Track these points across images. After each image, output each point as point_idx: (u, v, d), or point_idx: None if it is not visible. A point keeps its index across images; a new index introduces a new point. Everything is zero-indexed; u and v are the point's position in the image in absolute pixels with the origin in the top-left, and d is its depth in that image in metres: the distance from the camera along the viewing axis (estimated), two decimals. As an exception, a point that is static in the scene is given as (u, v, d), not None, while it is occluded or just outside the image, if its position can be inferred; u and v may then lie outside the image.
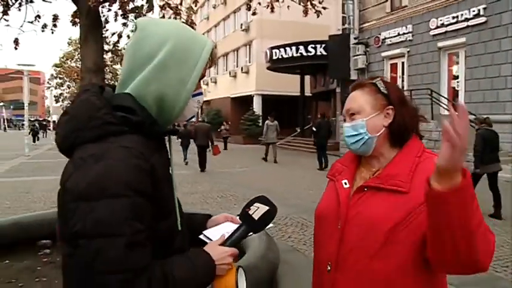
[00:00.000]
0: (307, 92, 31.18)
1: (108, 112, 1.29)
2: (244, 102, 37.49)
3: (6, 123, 77.15)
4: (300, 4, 6.66)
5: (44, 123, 62.93)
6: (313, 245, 1.83)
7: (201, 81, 1.44)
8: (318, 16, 6.64)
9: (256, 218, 1.48)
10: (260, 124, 32.88)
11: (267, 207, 1.51)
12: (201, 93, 1.45)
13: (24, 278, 4.20)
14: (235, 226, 1.52)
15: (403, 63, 20.53)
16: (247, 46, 38.47)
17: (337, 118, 23.86)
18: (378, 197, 1.57)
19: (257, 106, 35.96)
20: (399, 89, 1.72)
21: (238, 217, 1.56)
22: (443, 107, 17.36)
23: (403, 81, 20.53)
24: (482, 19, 16.46)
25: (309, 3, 6.54)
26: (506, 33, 15.66)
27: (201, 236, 1.52)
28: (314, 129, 17.70)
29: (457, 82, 18.04)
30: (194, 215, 1.71)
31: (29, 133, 38.34)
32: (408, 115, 1.65)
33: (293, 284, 4.11)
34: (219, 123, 32.77)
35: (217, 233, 1.52)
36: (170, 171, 1.42)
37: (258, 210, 1.50)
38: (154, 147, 1.33)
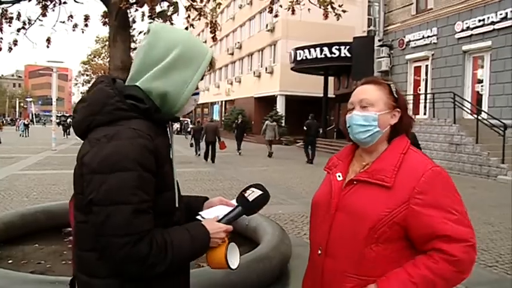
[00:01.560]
0: (331, 94, 31.19)
1: (120, 100, 1.50)
2: (267, 102, 37.62)
3: (34, 118, 78.72)
4: (320, 7, 6.80)
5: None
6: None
7: (201, 81, 1.66)
8: (337, 19, 6.76)
9: (250, 200, 1.70)
10: (283, 124, 33.05)
11: (261, 192, 1.72)
12: (198, 93, 1.65)
13: (51, 260, 4.52)
14: (230, 208, 1.73)
15: (426, 66, 20.44)
16: (272, 46, 38.64)
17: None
18: (365, 190, 1.69)
19: (280, 106, 36.06)
20: (404, 98, 1.84)
21: (234, 201, 1.78)
22: (466, 111, 17.28)
23: (426, 84, 20.48)
24: (509, 22, 16.30)
25: (329, 6, 6.67)
26: (532, 37, 15.52)
27: (198, 217, 1.72)
28: (305, 128, 20.15)
29: (481, 86, 17.90)
30: (192, 197, 1.91)
31: (61, 127, 39.29)
32: (407, 121, 1.80)
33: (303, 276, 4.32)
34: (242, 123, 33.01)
35: (212, 213, 1.73)
36: (171, 154, 1.62)
37: (252, 194, 1.72)
38: (158, 131, 1.54)
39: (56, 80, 27.34)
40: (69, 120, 46.38)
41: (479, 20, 17.40)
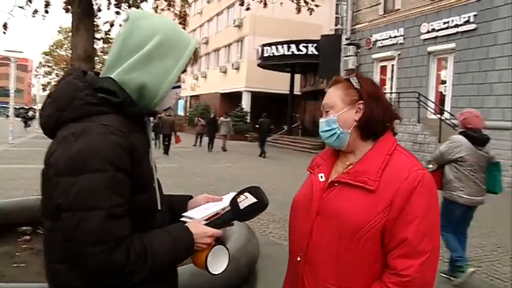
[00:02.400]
0: (297, 91, 31.28)
1: (89, 93, 1.37)
2: (233, 98, 37.52)
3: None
4: (292, 1, 6.68)
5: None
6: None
7: (183, 75, 1.53)
8: (310, 13, 6.68)
9: (241, 207, 1.53)
10: (248, 121, 32.99)
11: (255, 200, 1.55)
12: (179, 86, 1.53)
13: (1, 263, 4.18)
14: (218, 206, 1.59)
15: (392, 65, 20.67)
16: (239, 42, 38.50)
17: (326, 118, 24.00)
18: (347, 193, 1.60)
19: (246, 103, 36.05)
20: (373, 84, 1.72)
21: (225, 199, 1.65)
22: (430, 111, 17.56)
23: (392, 83, 20.71)
24: (472, 26, 16.60)
25: (302, 0, 6.57)
26: (494, 41, 15.81)
27: (183, 218, 1.57)
28: (257, 126, 22.19)
29: (445, 87, 18.20)
30: (175, 196, 1.78)
31: (21, 120, 38.09)
32: (378, 110, 1.65)
33: (272, 277, 4.14)
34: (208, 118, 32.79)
35: (199, 213, 1.57)
36: (149, 151, 1.48)
37: (245, 201, 1.55)
38: (134, 127, 1.41)
39: (15, 71, 26.49)
40: (30, 113, 45.12)
41: (444, 23, 17.66)
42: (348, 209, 1.56)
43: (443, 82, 18.37)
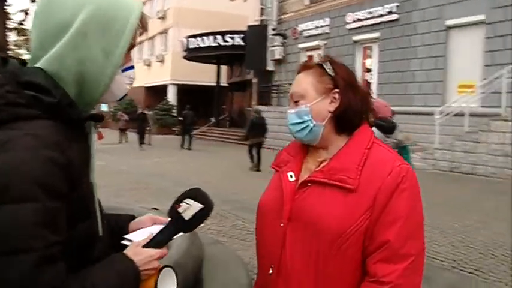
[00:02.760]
0: (224, 82, 31.12)
1: (12, 90, 1.02)
2: (158, 91, 36.68)
3: None
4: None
5: None
6: (235, 237, 1.68)
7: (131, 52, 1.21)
8: (245, 0, 6.48)
9: (186, 218, 1.25)
10: (175, 114, 32.39)
11: (201, 206, 1.27)
12: (132, 67, 1.21)
13: None
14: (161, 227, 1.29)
15: (319, 55, 20.85)
16: (163, 34, 37.64)
17: (253, 108, 23.96)
18: (323, 194, 1.40)
19: (172, 96, 35.35)
20: (349, 71, 1.53)
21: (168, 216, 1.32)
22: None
23: (318, 73, 21.00)
24: (394, 16, 17.27)
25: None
26: (415, 30, 16.52)
27: (124, 241, 1.27)
28: (180, 118, 22.19)
29: (370, 75, 18.79)
30: (114, 216, 1.43)
31: None
32: (355, 100, 1.47)
33: (220, 281, 3.89)
34: (133, 113, 31.80)
35: (141, 236, 1.28)
36: (91, 166, 1.16)
37: (189, 209, 1.26)
38: (72, 137, 1.07)
39: None
40: None
41: (369, 13, 18.23)
42: (325, 212, 1.37)
43: (369, 70, 18.93)
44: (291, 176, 1.52)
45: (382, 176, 1.34)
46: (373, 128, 4.59)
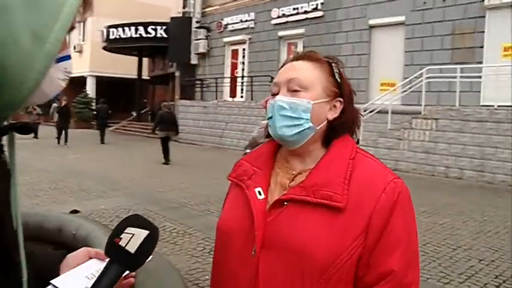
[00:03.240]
0: (145, 76, 30.19)
1: None
2: (76, 83, 34.76)
3: None
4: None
5: None
6: (164, 241, 1.35)
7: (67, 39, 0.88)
8: None
9: (132, 251, 0.96)
10: (94, 107, 31.01)
11: (146, 232, 0.99)
12: (68, 57, 0.93)
13: None
14: (102, 265, 0.98)
15: (244, 49, 20.82)
16: (81, 23, 35.85)
17: (176, 102, 23.37)
18: (304, 215, 1.16)
19: (91, 88, 33.75)
20: (349, 81, 1.33)
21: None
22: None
23: (243, 67, 20.85)
24: (319, 13, 17.36)
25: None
26: (339, 28, 16.71)
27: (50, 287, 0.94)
28: (94, 112, 21.68)
29: (295, 71, 18.76)
30: (41, 254, 1.10)
31: None
32: (352, 117, 1.29)
33: None
34: (48, 107, 29.99)
35: (74, 280, 0.97)
36: (10, 190, 0.90)
37: (133, 239, 0.97)
38: None
39: None
40: None
41: (294, 8, 18.20)
42: (309, 237, 1.13)
43: (293, 66, 18.89)
44: (260, 193, 1.24)
45: (376, 193, 1.14)
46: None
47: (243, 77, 20.55)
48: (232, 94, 20.69)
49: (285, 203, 1.19)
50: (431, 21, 14.12)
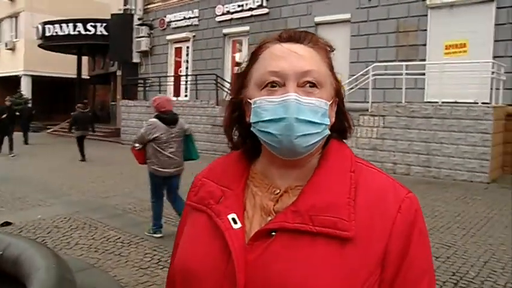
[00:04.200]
0: (85, 75, 29.03)
1: None
2: (10, 83, 33.04)
3: None
4: None
5: None
6: (108, 252, 1.03)
7: None
8: None
9: None
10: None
11: None
12: None
13: None
14: None
15: (188, 47, 20.34)
16: (14, 19, 34.01)
17: (118, 103, 22.59)
18: (301, 249, 0.86)
19: (26, 88, 32.03)
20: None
21: None
22: (227, 92, 17.70)
23: (187, 65, 20.37)
24: (264, 10, 17.17)
25: None
26: (285, 25, 16.55)
27: None
28: (17, 113, 18.45)
29: (240, 69, 18.46)
30: None
31: None
32: (347, 116, 1.05)
33: None
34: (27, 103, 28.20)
35: None
36: None
37: None
38: None
39: None
40: None
41: (239, 5, 17.92)
42: (309, 279, 0.83)
43: (238, 64, 18.59)
44: (235, 221, 0.93)
45: (389, 214, 0.88)
46: (156, 120, 5.97)
47: (187, 75, 20.08)
48: (176, 93, 20.17)
49: (273, 234, 0.88)
50: (376, 18, 14.24)
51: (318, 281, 0.82)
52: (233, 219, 0.93)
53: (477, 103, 10.91)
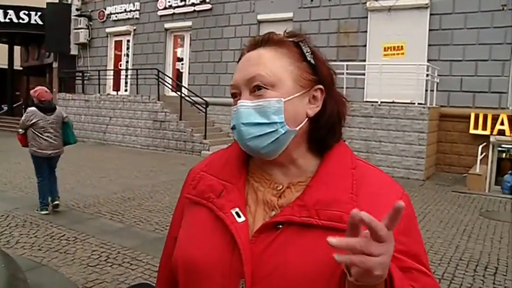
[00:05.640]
0: (18, 66, 27.72)
1: None
2: None
3: None
4: None
5: None
6: (53, 250, 1.07)
7: None
8: None
9: None
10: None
11: None
12: None
13: None
14: None
15: (128, 41, 19.89)
16: None
17: (54, 96, 21.74)
18: (309, 241, 0.92)
19: (-49, 78, 30.34)
20: (326, 59, 1.08)
21: None
22: (169, 88, 17.54)
23: (127, 59, 19.95)
24: (207, 6, 17.06)
25: None
26: (228, 22, 16.59)
27: None
28: None
29: (182, 64, 18.34)
30: None
31: None
32: (337, 105, 1.06)
33: None
34: None
35: None
36: None
37: None
38: None
39: None
40: None
41: (181, 0, 17.69)
42: (316, 269, 0.89)
43: (180, 59, 18.48)
44: (238, 215, 0.97)
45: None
46: (34, 109, 7.10)
47: (127, 69, 19.66)
48: (116, 87, 19.71)
49: (279, 226, 0.93)
50: (318, 18, 14.53)
51: (323, 273, 0.88)
52: (237, 213, 0.97)
53: (414, 103, 11.40)
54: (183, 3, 17.63)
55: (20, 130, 7.00)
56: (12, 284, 2.70)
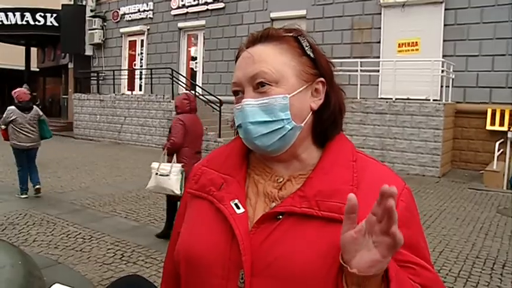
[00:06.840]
0: (34, 67, 28.06)
1: None
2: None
3: None
4: None
5: None
6: (69, 248, 1.07)
7: None
8: None
9: None
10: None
11: None
12: None
13: None
14: None
15: (142, 41, 20.01)
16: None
17: (70, 96, 21.98)
18: (308, 232, 0.92)
19: (-30, 80, 30.84)
20: (323, 53, 1.08)
21: None
22: (182, 87, 17.59)
23: (142, 59, 20.06)
24: (221, 4, 17.08)
25: None
26: (241, 20, 16.59)
27: None
28: None
29: (195, 63, 18.38)
30: None
31: None
32: (338, 96, 1.06)
33: None
34: None
35: None
36: None
37: None
38: None
39: None
40: None
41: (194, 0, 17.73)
42: (316, 259, 0.89)
43: (194, 58, 18.53)
44: (237, 206, 0.98)
45: None
46: (13, 107, 8.31)
47: (141, 69, 19.78)
48: (131, 87, 19.84)
49: (279, 217, 0.93)
50: (331, 15, 14.44)
51: (323, 264, 0.88)
52: (236, 204, 0.98)
53: (429, 100, 11.30)
54: (196, 2, 17.68)
55: (2, 126, 8.05)
56: (29, 281, 2.76)
